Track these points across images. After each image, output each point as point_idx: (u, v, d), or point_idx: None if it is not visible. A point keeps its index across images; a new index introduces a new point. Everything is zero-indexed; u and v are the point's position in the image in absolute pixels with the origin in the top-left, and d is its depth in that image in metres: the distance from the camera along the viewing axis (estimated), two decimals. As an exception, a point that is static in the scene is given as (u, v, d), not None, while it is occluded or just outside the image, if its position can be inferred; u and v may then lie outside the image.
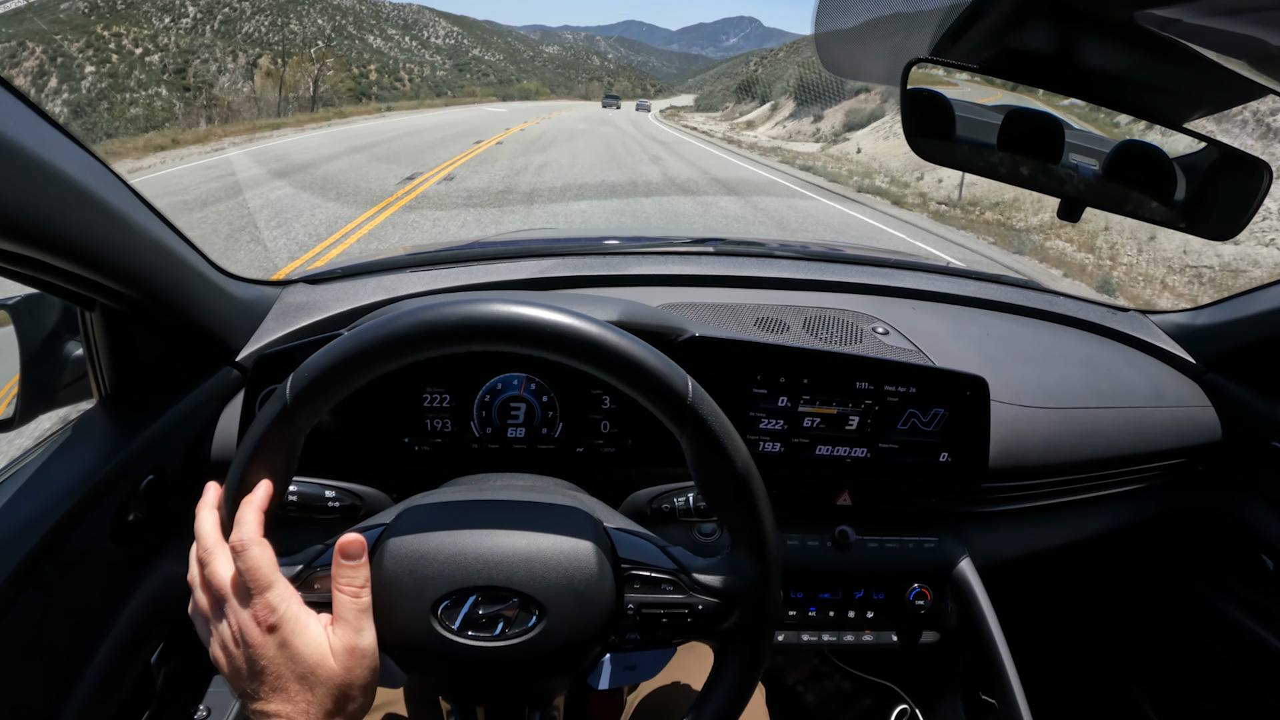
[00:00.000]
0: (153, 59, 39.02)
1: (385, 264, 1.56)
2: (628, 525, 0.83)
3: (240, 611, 0.69)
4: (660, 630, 0.77)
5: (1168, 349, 1.67)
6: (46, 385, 1.12)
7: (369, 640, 0.70)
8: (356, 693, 0.68)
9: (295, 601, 0.69)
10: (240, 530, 0.70)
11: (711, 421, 0.72)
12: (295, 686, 0.66)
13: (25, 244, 0.77)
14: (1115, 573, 1.86)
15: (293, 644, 0.67)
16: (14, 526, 0.88)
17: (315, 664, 0.67)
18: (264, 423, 0.71)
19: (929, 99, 0.94)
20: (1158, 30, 0.70)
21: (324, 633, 0.69)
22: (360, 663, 0.69)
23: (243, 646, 0.68)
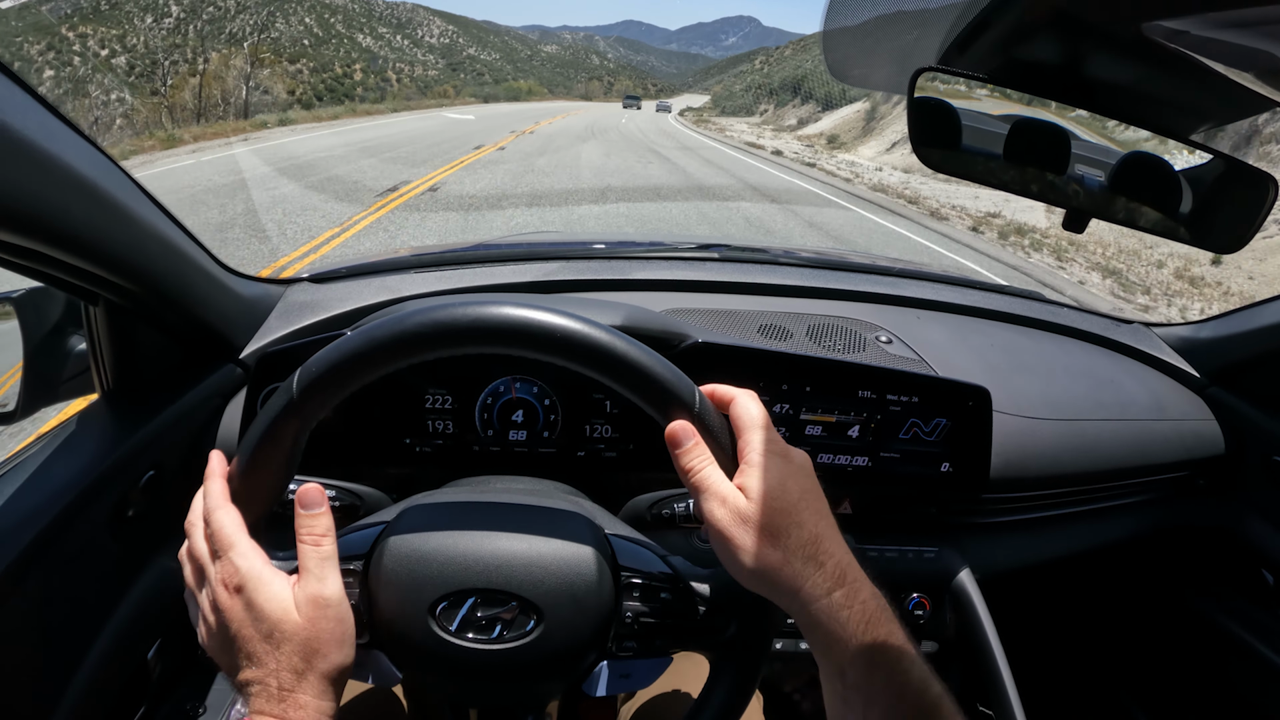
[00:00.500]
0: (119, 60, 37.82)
1: (390, 264, 1.56)
2: (628, 533, 0.83)
3: (211, 577, 0.69)
4: (658, 639, 0.77)
5: (1171, 362, 1.66)
6: (49, 378, 1.12)
7: (333, 589, 0.69)
8: (324, 646, 0.67)
9: (259, 559, 0.69)
10: (206, 500, 0.71)
11: (716, 433, 0.72)
12: (263, 648, 0.66)
13: (30, 237, 0.77)
14: (1114, 586, 1.85)
15: (256, 602, 0.66)
16: (14, 519, 0.88)
17: (278, 619, 0.66)
18: (270, 415, 0.70)
19: (936, 108, 0.94)
20: (1165, 42, 0.70)
21: (288, 588, 0.68)
22: (324, 613, 0.68)
23: (215, 613, 0.68)
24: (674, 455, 0.72)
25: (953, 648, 1.35)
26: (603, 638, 0.76)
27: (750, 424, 0.72)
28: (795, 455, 0.73)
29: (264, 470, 0.72)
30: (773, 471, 0.69)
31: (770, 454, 0.70)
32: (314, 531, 0.71)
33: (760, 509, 0.68)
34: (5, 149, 0.69)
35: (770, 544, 0.67)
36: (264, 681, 0.65)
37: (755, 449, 0.70)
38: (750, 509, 0.68)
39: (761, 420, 0.72)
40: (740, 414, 0.73)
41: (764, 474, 0.69)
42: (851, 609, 0.66)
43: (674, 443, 0.72)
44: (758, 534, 0.67)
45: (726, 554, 0.70)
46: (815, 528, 0.68)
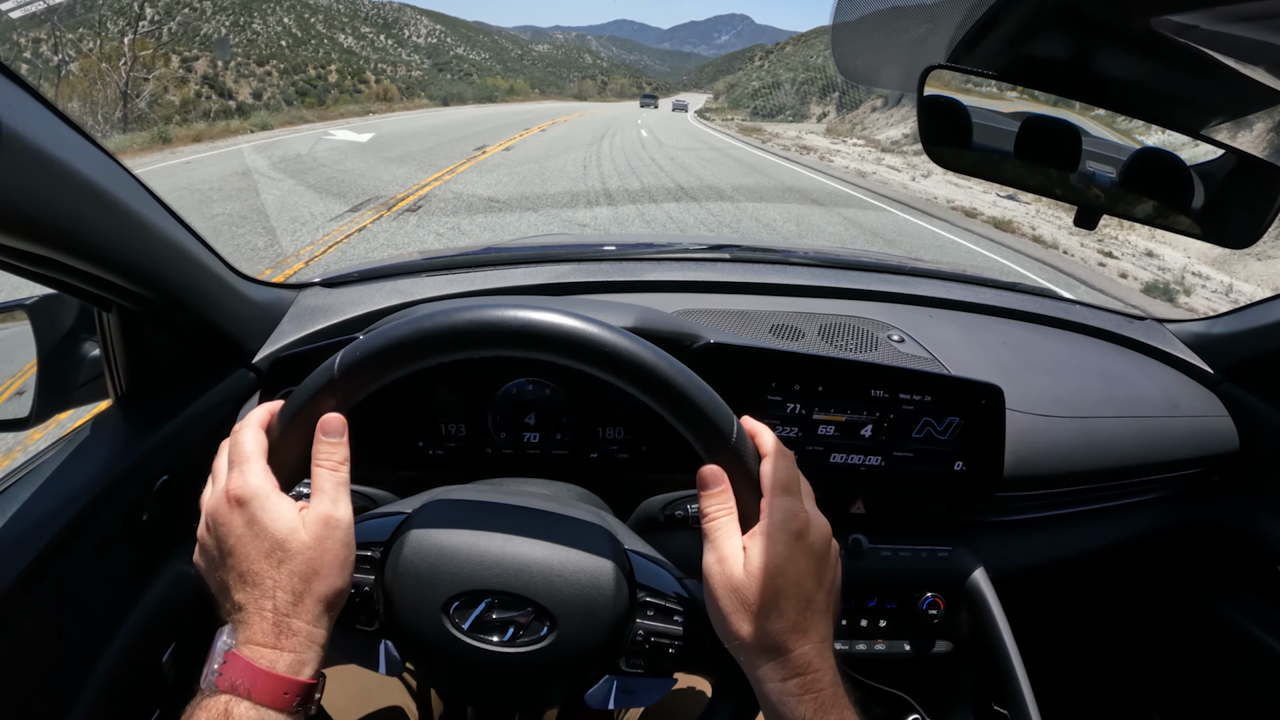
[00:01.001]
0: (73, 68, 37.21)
1: (401, 268, 1.57)
2: (648, 551, 0.83)
3: (219, 489, 0.70)
4: (665, 660, 0.77)
5: (1184, 358, 1.66)
6: (63, 384, 1.13)
7: (344, 513, 0.70)
8: (326, 568, 0.67)
9: (268, 482, 0.69)
10: (241, 422, 0.73)
11: (751, 465, 0.72)
12: (262, 565, 0.65)
13: (44, 244, 0.78)
14: (1128, 585, 1.85)
15: (260, 519, 0.66)
16: (28, 523, 0.89)
17: (283, 538, 0.66)
18: (309, 390, 0.71)
19: (946, 106, 0.94)
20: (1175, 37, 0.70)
21: (294, 511, 0.68)
22: (333, 534, 0.68)
23: (214, 528, 0.69)
24: (699, 495, 0.73)
25: (967, 647, 1.35)
26: (612, 652, 0.76)
27: (775, 487, 0.72)
28: (811, 532, 0.72)
29: (297, 442, 0.72)
30: (777, 549, 0.69)
31: (782, 529, 0.70)
32: (333, 458, 0.71)
33: (748, 584, 0.68)
34: (17, 157, 0.69)
35: (746, 619, 0.68)
36: (258, 604, 0.65)
37: (774, 517, 0.70)
38: (740, 580, 0.69)
39: (787, 484, 0.72)
40: (767, 473, 0.72)
41: (766, 550, 0.69)
42: (802, 698, 0.67)
43: (701, 484, 0.73)
44: (738, 606, 0.69)
45: (710, 610, 0.72)
46: (795, 617, 0.69)
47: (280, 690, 0.62)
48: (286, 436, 0.72)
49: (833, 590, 0.74)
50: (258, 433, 0.72)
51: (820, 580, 0.71)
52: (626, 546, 0.81)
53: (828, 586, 0.72)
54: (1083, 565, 1.53)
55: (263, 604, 0.64)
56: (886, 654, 1.34)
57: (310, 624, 0.65)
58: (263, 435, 0.72)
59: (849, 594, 1.33)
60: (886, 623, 1.34)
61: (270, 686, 0.62)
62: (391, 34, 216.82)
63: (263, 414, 0.74)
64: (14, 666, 0.87)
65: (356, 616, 0.75)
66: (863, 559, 1.30)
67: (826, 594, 0.72)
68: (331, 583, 0.67)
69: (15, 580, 0.84)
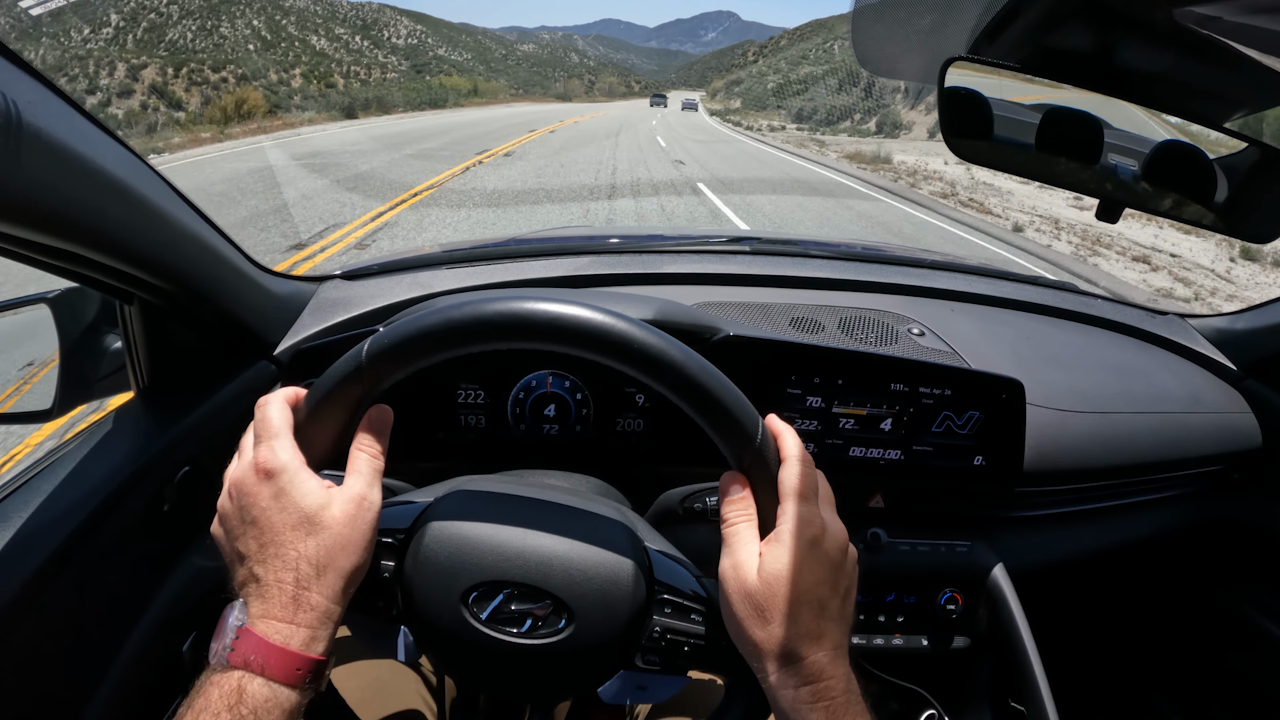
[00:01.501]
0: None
1: (421, 260, 1.57)
2: (667, 549, 0.83)
3: (245, 460, 0.70)
4: (680, 658, 0.77)
5: (1206, 354, 1.64)
6: (85, 377, 1.14)
7: (377, 497, 0.71)
8: (352, 545, 0.68)
9: (297, 458, 0.69)
10: (267, 398, 0.74)
11: (772, 468, 0.72)
12: (289, 535, 0.66)
13: (66, 239, 0.79)
14: (1147, 583, 1.83)
15: (289, 492, 0.67)
16: (51, 514, 0.90)
17: (315, 510, 0.67)
18: (336, 375, 0.71)
19: (966, 98, 0.93)
20: (1197, 28, 0.69)
21: (324, 490, 0.69)
22: (364, 514, 0.69)
23: (238, 497, 0.69)
24: (720, 497, 0.74)
25: (985, 643, 1.34)
26: (628, 648, 0.77)
27: (791, 492, 0.71)
28: (827, 540, 0.72)
29: (321, 426, 0.73)
30: (791, 556, 0.69)
31: (797, 536, 0.70)
32: (374, 447, 0.73)
33: (763, 591, 0.68)
34: (39, 152, 0.70)
35: (759, 625, 0.68)
36: (278, 576, 0.65)
37: (787, 524, 0.70)
38: (754, 586, 0.69)
39: (804, 490, 0.72)
40: (785, 479, 0.72)
41: (780, 556, 0.69)
42: (815, 705, 0.67)
43: (722, 490, 0.74)
44: (751, 612, 0.69)
45: (725, 614, 0.72)
46: (808, 624, 0.69)
47: (294, 667, 0.63)
48: (313, 418, 0.72)
49: (848, 597, 0.74)
50: (285, 409, 0.73)
51: (835, 588, 0.71)
52: (646, 544, 0.81)
53: (842, 594, 0.72)
54: (1102, 562, 1.52)
55: (283, 575, 0.65)
56: (904, 649, 1.34)
57: (328, 599, 0.66)
58: (289, 412, 0.73)
59: (867, 588, 1.32)
60: (904, 617, 1.34)
61: (284, 663, 0.63)
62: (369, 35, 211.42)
63: (289, 392, 0.75)
64: (36, 655, 0.88)
65: (375, 602, 0.76)
66: (881, 553, 1.30)
67: (841, 601, 0.72)
68: (355, 559, 0.68)
69: (38, 570, 0.85)
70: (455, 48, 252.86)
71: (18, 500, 0.91)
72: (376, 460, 0.73)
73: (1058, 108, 0.93)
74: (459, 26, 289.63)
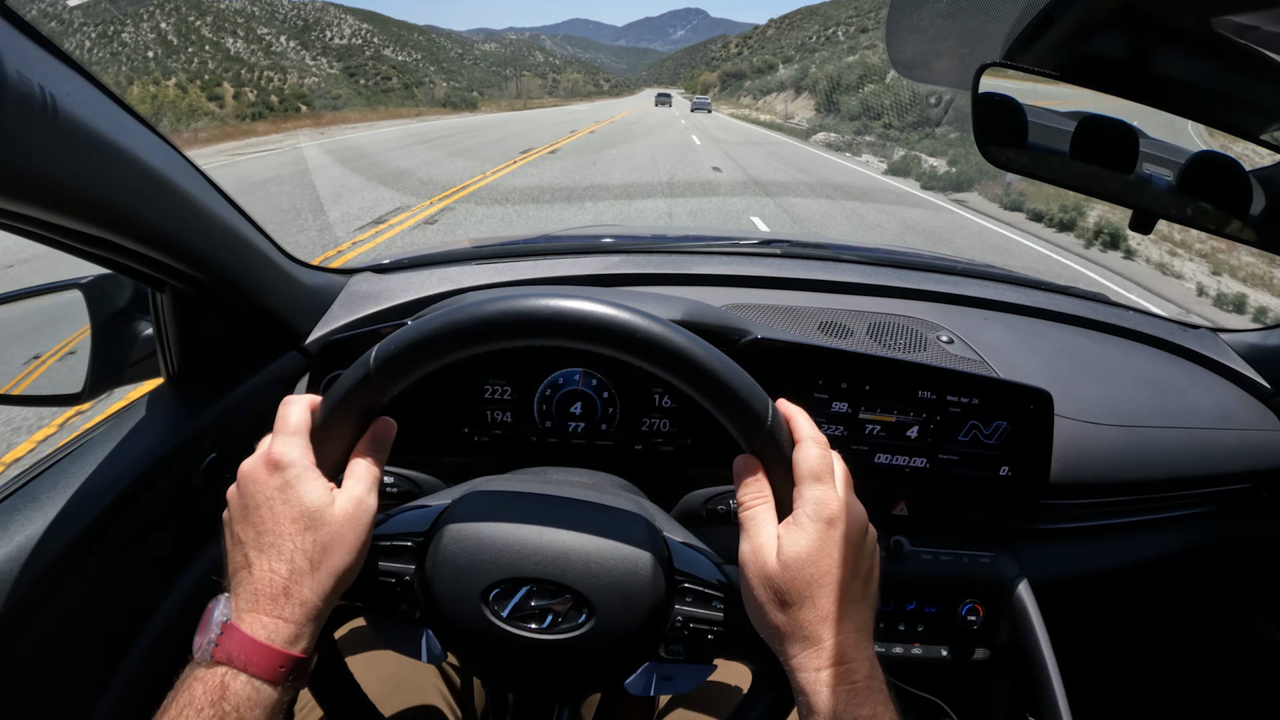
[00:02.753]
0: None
1: (451, 255, 1.58)
2: (686, 538, 0.84)
3: (260, 451, 0.72)
4: (705, 646, 0.77)
5: (1238, 369, 1.62)
6: (115, 362, 1.15)
7: (373, 501, 0.72)
8: (346, 544, 0.69)
9: (307, 456, 0.71)
10: (289, 399, 0.75)
11: (786, 450, 0.72)
12: (289, 527, 0.67)
13: (102, 226, 0.80)
14: (1171, 600, 1.81)
15: (295, 487, 0.69)
16: (81, 495, 0.91)
17: (317, 508, 0.68)
18: (346, 385, 0.72)
19: (1001, 104, 0.93)
20: (1234, 37, 0.69)
21: (328, 490, 0.70)
22: (360, 515, 0.70)
23: (244, 484, 0.71)
24: (735, 483, 0.74)
25: (1005, 655, 1.33)
26: (651, 639, 0.77)
27: (807, 474, 0.71)
28: (845, 520, 0.71)
29: (333, 435, 0.74)
30: (808, 538, 0.69)
31: (813, 518, 0.69)
32: (374, 455, 0.74)
33: (782, 575, 0.68)
34: (77, 141, 0.71)
35: (779, 609, 0.68)
36: (272, 565, 0.66)
37: (805, 507, 0.70)
38: (773, 569, 0.69)
39: (818, 471, 0.72)
40: (799, 461, 0.72)
41: (797, 539, 0.69)
42: (836, 688, 0.66)
43: (736, 473, 0.73)
44: (771, 596, 0.68)
45: (744, 595, 0.72)
46: (829, 607, 0.68)
47: (277, 664, 0.64)
48: (326, 426, 0.73)
49: (870, 579, 0.73)
50: (304, 410, 0.74)
51: (855, 569, 0.71)
52: (665, 534, 0.81)
53: (864, 575, 0.72)
54: (1126, 578, 1.50)
55: (277, 565, 0.66)
56: (923, 658, 1.33)
57: (317, 596, 0.67)
58: (309, 414, 0.74)
59: (888, 597, 1.32)
60: (925, 627, 1.33)
61: (267, 659, 0.64)
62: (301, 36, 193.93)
63: (312, 397, 0.77)
64: (62, 632, 0.89)
65: (397, 606, 0.77)
66: (904, 562, 1.29)
67: (863, 583, 0.71)
68: (347, 559, 0.69)
69: (65, 549, 0.87)
70: (403, 48, 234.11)
71: (47, 481, 0.92)
72: (375, 469, 0.74)
73: (1093, 116, 0.92)
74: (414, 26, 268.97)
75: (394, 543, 0.77)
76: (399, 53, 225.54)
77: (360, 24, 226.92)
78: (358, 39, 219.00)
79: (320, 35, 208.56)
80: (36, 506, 0.88)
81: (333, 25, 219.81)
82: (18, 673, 0.84)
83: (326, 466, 0.73)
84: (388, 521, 0.79)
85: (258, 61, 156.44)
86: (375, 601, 0.77)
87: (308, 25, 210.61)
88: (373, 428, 0.75)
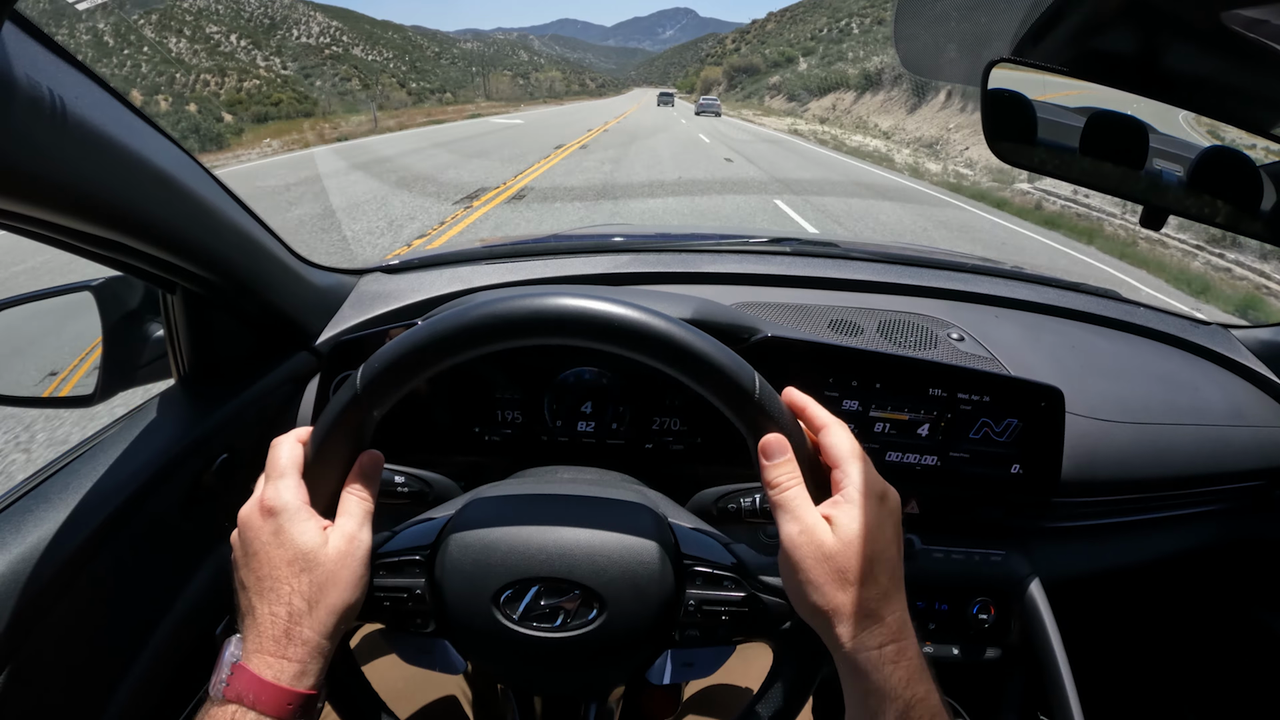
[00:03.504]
0: None
1: (461, 255, 1.59)
2: (692, 521, 0.84)
3: (255, 497, 0.73)
4: (720, 628, 0.77)
5: (1250, 366, 1.62)
6: (126, 364, 1.16)
7: (367, 536, 0.73)
8: (342, 582, 0.70)
9: (300, 498, 0.72)
10: (279, 440, 0.76)
11: (777, 418, 0.72)
12: (284, 570, 0.68)
13: (112, 228, 0.80)
14: (1183, 598, 1.80)
15: (287, 530, 0.69)
16: (93, 495, 0.92)
17: (309, 549, 0.69)
18: (337, 407, 0.72)
19: (1010, 100, 0.92)
20: (1245, 32, 0.68)
21: (320, 530, 0.71)
22: (354, 550, 0.71)
23: (243, 532, 0.72)
24: (762, 465, 0.72)
25: (1016, 654, 1.33)
26: (666, 626, 0.77)
27: (850, 454, 0.71)
28: (891, 496, 0.71)
29: (333, 459, 0.74)
30: (870, 514, 0.68)
31: (870, 494, 0.69)
32: (364, 489, 0.75)
33: (845, 551, 0.67)
34: (87, 144, 0.71)
35: (841, 588, 0.67)
36: (272, 609, 0.67)
37: (854, 484, 0.69)
38: (834, 547, 0.67)
39: (861, 452, 0.72)
40: (836, 443, 0.72)
41: (861, 514, 0.68)
42: (898, 664, 0.65)
43: (765, 453, 0.72)
44: (833, 575, 0.67)
45: (792, 582, 0.69)
46: (886, 584, 0.68)
47: (284, 701, 0.65)
48: (321, 454, 0.74)
49: (903, 558, 0.73)
50: (294, 447, 0.75)
51: (900, 547, 0.71)
52: (670, 520, 0.82)
53: (902, 554, 0.72)
54: (1137, 576, 1.50)
55: (276, 609, 0.68)
56: (934, 657, 1.32)
57: (319, 634, 0.68)
58: (299, 450, 0.75)
59: None
60: (936, 625, 1.33)
61: (274, 698, 0.65)
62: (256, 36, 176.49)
63: (302, 430, 0.77)
64: (75, 630, 0.90)
65: (411, 620, 0.77)
66: (915, 560, 1.29)
67: (901, 561, 0.71)
68: (345, 596, 0.70)
69: (78, 549, 0.87)
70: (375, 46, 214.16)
71: (59, 482, 0.93)
72: (366, 502, 0.75)
73: (1103, 111, 0.92)
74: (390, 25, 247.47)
75: (401, 558, 0.77)
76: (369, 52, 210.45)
77: (330, 21, 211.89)
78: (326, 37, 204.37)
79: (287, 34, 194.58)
80: (49, 507, 0.89)
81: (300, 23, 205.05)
82: (31, 671, 0.85)
83: (324, 494, 0.74)
84: (394, 538, 0.79)
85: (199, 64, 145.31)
86: (389, 619, 0.77)
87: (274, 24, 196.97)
88: (359, 461, 0.75)
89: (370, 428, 0.74)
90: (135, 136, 0.79)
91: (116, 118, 0.77)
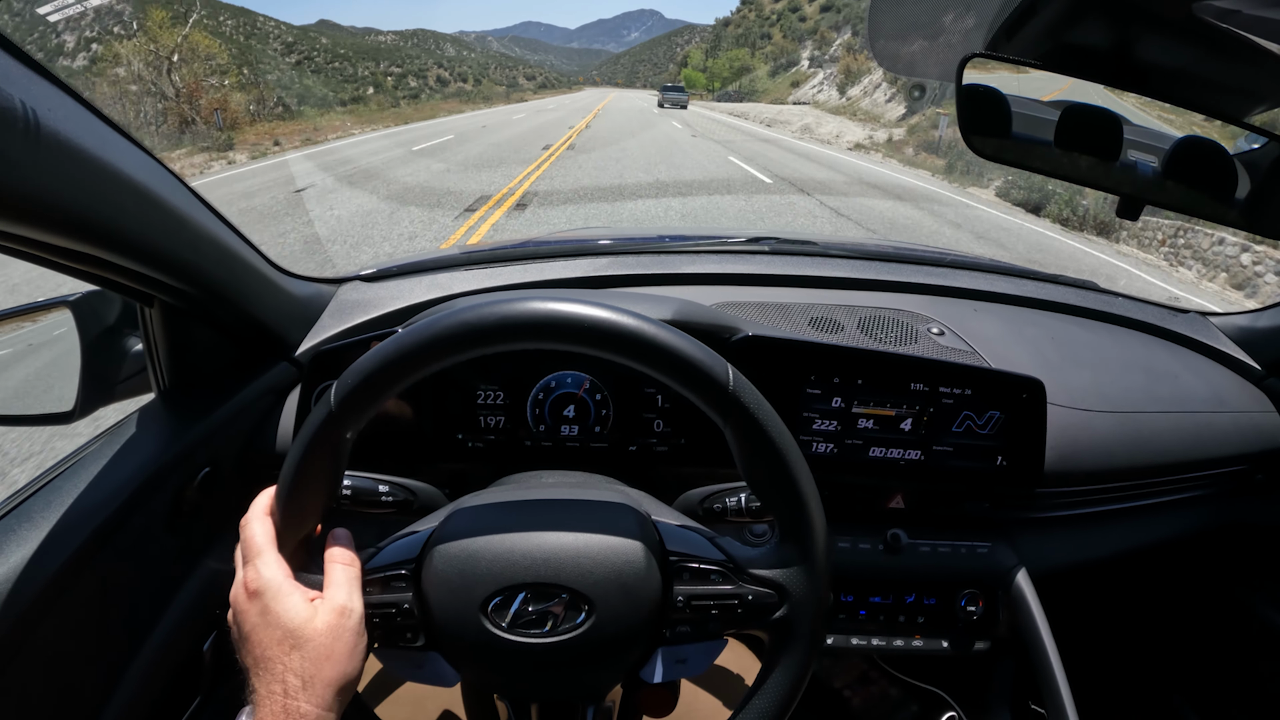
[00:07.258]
0: None
1: (439, 262, 1.58)
2: (676, 518, 0.84)
3: (238, 580, 0.73)
4: (710, 622, 0.78)
5: (1229, 352, 1.63)
6: (106, 379, 1.15)
7: (358, 604, 0.73)
8: (337, 654, 0.70)
9: (281, 572, 0.72)
10: (247, 513, 0.76)
11: (754, 410, 0.72)
12: (275, 650, 0.68)
13: (88, 242, 0.80)
14: (1169, 584, 1.82)
15: (273, 609, 0.70)
16: (74, 513, 0.91)
17: (298, 625, 0.69)
18: (311, 428, 0.72)
19: (985, 95, 0.93)
20: (1217, 22, 0.69)
21: (305, 602, 0.71)
22: (346, 623, 0.71)
23: (235, 615, 0.73)
24: None
25: (1005, 645, 1.33)
26: (655, 624, 0.77)
27: None
28: None
29: (313, 479, 0.74)
30: None
31: None
32: (346, 555, 0.76)
33: None
34: (57, 156, 0.71)
35: None
36: (269, 688, 0.68)
37: None
38: None
39: None
40: None
41: None
42: None
43: None
44: None
45: None
46: None
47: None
48: (302, 482, 0.73)
49: None
50: (265, 521, 0.75)
51: None
52: (654, 517, 0.82)
53: None
54: (1123, 563, 1.51)
55: (273, 687, 0.68)
56: (924, 650, 1.33)
57: (318, 707, 0.68)
58: (269, 523, 0.75)
59: (887, 590, 1.32)
60: (924, 619, 1.33)
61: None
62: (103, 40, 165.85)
63: (265, 501, 0.77)
64: (60, 651, 0.89)
65: (401, 635, 0.77)
66: (901, 554, 1.29)
67: None
68: (342, 668, 0.70)
69: (61, 568, 0.87)
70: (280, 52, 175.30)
71: (41, 500, 0.92)
72: (351, 568, 0.75)
73: (1076, 104, 0.92)
74: (295, 27, 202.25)
75: (388, 573, 0.77)
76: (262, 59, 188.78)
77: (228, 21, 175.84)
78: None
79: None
80: (31, 526, 0.88)
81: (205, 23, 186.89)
82: (16, 692, 0.84)
83: (318, 507, 0.74)
84: (379, 554, 0.79)
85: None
86: (379, 635, 0.77)
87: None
88: (332, 534, 0.77)
89: (348, 443, 0.74)
90: (110, 149, 0.78)
91: (90, 130, 0.76)
